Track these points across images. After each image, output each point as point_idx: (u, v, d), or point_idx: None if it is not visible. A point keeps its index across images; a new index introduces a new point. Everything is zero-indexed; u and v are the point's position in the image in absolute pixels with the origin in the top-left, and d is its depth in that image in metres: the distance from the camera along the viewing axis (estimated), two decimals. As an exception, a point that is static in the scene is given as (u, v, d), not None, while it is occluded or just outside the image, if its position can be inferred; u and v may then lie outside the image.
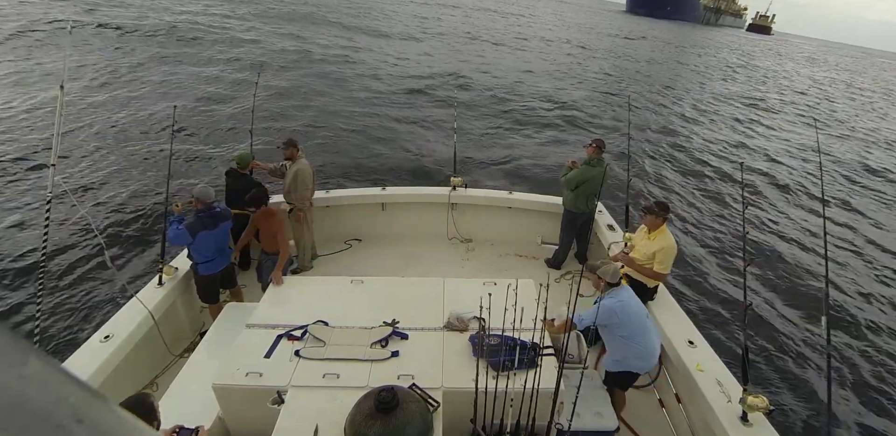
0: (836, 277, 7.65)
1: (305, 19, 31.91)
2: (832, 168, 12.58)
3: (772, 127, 16.03)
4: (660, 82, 21.01)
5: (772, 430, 3.02)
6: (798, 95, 23.67)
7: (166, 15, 25.96)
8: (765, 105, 19.45)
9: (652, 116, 16.20)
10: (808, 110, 17.79)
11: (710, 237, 8.70)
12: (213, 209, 4.38)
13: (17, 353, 0.30)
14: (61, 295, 6.31)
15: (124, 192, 9.07)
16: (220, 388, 2.91)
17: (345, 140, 12.62)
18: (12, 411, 0.27)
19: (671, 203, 9.91)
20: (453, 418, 2.77)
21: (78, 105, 13.24)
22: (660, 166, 11.99)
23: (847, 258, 8.27)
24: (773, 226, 9.28)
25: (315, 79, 18.47)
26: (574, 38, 33.23)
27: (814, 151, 12.99)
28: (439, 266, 5.78)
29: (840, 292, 7.28)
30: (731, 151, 13.45)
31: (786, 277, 7.68)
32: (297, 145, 5.39)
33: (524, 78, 21.23)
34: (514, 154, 12.30)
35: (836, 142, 15.79)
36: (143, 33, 21.42)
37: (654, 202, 4.18)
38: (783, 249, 8.45)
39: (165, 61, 18.39)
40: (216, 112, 13.87)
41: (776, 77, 29.78)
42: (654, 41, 34.03)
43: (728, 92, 20.97)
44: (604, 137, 5.79)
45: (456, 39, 30.27)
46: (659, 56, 26.53)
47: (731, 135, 15.02)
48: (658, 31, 40.77)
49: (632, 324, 3.35)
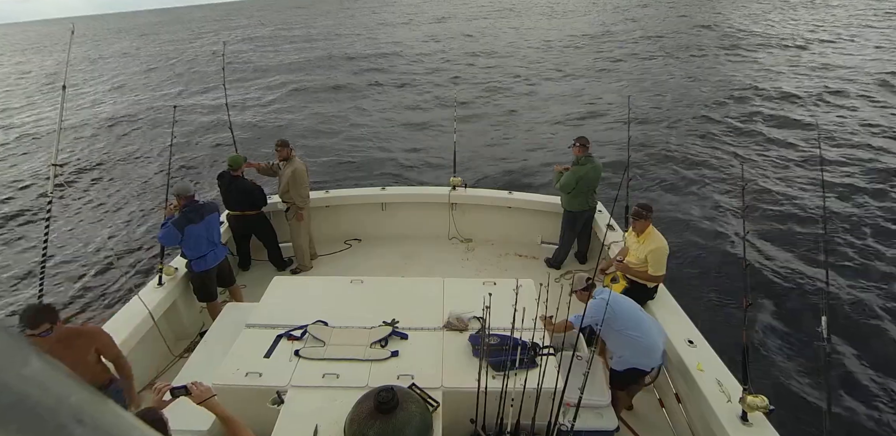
0: (836, 277, 7.65)
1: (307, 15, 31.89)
2: (832, 166, 12.61)
3: (773, 126, 16.04)
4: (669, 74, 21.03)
5: (772, 430, 3.03)
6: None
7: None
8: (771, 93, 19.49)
9: (653, 110, 16.20)
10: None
11: (710, 236, 8.70)
12: (196, 202, 4.38)
13: (18, 353, 0.30)
14: (61, 295, 6.32)
15: (125, 192, 9.07)
16: (220, 388, 2.90)
17: (345, 140, 12.62)
18: (12, 412, 0.27)
19: (671, 203, 9.92)
20: (453, 418, 2.77)
21: (79, 105, 13.23)
22: (660, 166, 11.99)
23: (847, 258, 8.27)
24: (774, 225, 9.28)
25: (315, 79, 18.47)
26: (574, 27, 33.22)
27: (815, 151, 12.99)
28: (439, 266, 5.78)
29: (840, 292, 7.28)
30: (732, 151, 13.46)
31: (786, 277, 7.68)
32: (289, 145, 5.41)
33: (528, 75, 21.23)
34: (515, 154, 12.30)
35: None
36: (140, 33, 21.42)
37: (638, 206, 4.13)
38: (783, 249, 8.45)
39: (165, 61, 18.38)
40: (215, 111, 13.88)
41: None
42: (651, 20, 33.83)
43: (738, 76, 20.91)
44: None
45: (455, 35, 30.31)
46: (664, 35, 26.46)
47: (732, 130, 15.02)
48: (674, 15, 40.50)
49: (625, 316, 3.39)
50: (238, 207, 5.32)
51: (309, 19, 39.30)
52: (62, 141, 3.54)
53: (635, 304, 3.60)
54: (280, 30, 31.77)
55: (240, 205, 5.32)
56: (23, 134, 11.84)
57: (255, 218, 5.43)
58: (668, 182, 11.08)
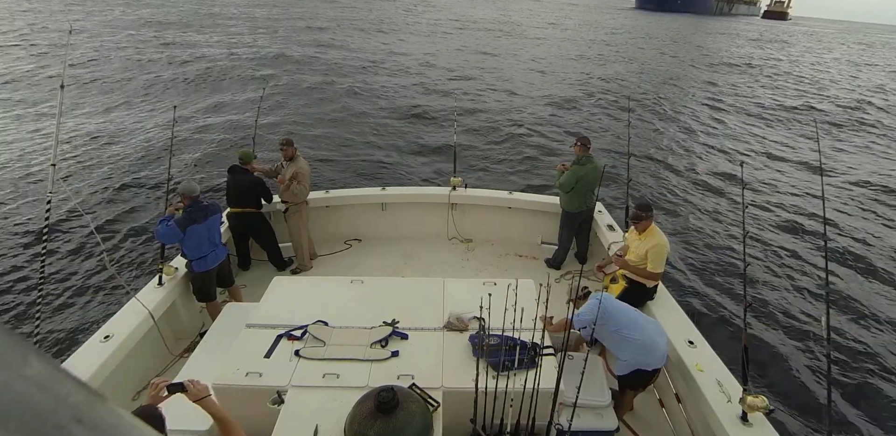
0: (836, 277, 7.65)
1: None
2: (834, 168, 12.60)
3: (773, 126, 16.05)
4: (667, 81, 21.03)
5: (772, 430, 3.03)
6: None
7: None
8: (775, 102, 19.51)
9: (652, 117, 16.20)
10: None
11: (710, 237, 8.70)
12: (200, 203, 4.39)
13: (17, 353, 0.30)
14: (61, 295, 6.32)
15: (125, 191, 9.08)
16: (220, 388, 2.90)
17: (345, 140, 12.62)
18: (12, 411, 0.27)
19: (671, 202, 9.91)
20: (453, 418, 2.77)
21: (79, 105, 13.25)
22: (660, 165, 11.99)
23: (848, 258, 8.28)
24: (774, 225, 9.28)
25: (315, 79, 18.47)
26: (579, 37, 33.27)
27: (815, 150, 12.99)
28: (439, 266, 5.78)
29: (840, 292, 7.28)
30: (732, 150, 13.46)
31: (786, 276, 7.68)
32: (294, 144, 5.44)
33: (527, 78, 21.24)
34: (515, 154, 12.30)
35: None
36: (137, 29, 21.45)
37: (636, 206, 4.13)
38: (783, 249, 8.46)
39: (166, 62, 18.41)
40: (217, 113, 13.87)
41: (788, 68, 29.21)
42: (657, 40, 33.95)
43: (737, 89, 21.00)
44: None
45: (455, 38, 30.31)
46: (665, 55, 26.52)
47: (733, 134, 15.02)
48: (664, 26, 40.53)
49: (619, 316, 3.41)
50: (241, 202, 5.33)
51: (308, 11, 39.32)
52: (61, 140, 3.54)
53: (628, 305, 3.60)
54: (288, 20, 31.90)
55: (243, 200, 5.33)
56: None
57: (255, 217, 5.44)
58: (669, 182, 11.08)
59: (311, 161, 5.90)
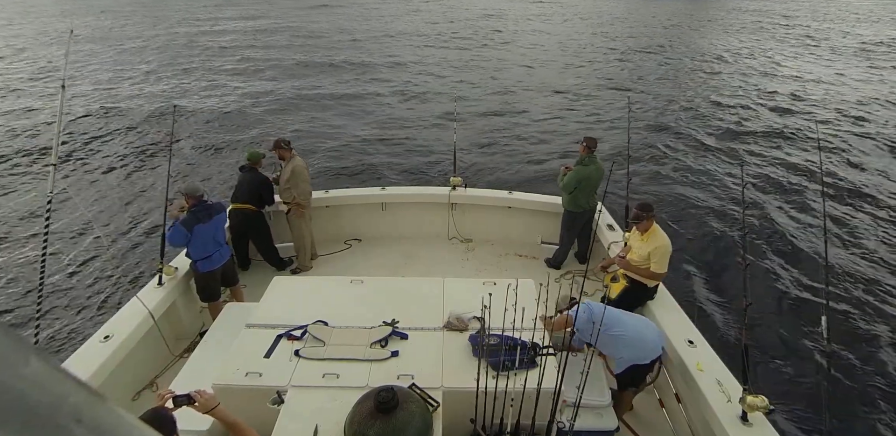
0: (836, 277, 7.65)
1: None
2: (832, 167, 12.61)
3: (773, 126, 16.04)
4: (669, 76, 21.00)
5: (772, 430, 3.03)
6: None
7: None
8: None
9: (653, 112, 16.19)
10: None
11: (710, 236, 8.70)
12: (205, 202, 4.40)
13: (17, 353, 0.30)
14: (61, 295, 6.32)
15: (125, 191, 9.08)
16: (220, 388, 2.90)
17: (345, 140, 12.62)
18: (12, 411, 0.27)
19: (671, 202, 9.91)
20: (453, 418, 2.77)
21: (80, 105, 13.25)
22: (660, 165, 11.99)
23: (848, 258, 8.27)
24: (774, 225, 9.28)
25: (315, 79, 18.47)
26: (581, 30, 33.23)
27: (815, 149, 12.99)
28: (439, 266, 5.78)
29: (840, 292, 7.28)
30: (732, 149, 13.45)
31: (786, 277, 7.68)
32: (288, 145, 5.45)
33: (526, 73, 21.22)
34: (515, 154, 12.30)
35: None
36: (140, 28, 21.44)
37: (637, 206, 4.10)
38: (783, 249, 8.45)
39: (169, 62, 18.40)
40: (217, 112, 13.87)
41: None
42: (657, 28, 33.81)
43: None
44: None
45: (452, 35, 30.28)
46: (669, 46, 26.45)
47: (732, 131, 15.02)
48: (669, 13, 40.32)
49: (604, 316, 3.40)
50: (242, 198, 5.36)
51: (306, 15, 39.37)
52: (61, 141, 3.54)
53: (609, 306, 3.58)
54: (283, 22, 31.90)
55: (245, 196, 5.36)
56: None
57: (254, 215, 5.44)
58: (668, 182, 11.08)
59: (311, 162, 5.91)
